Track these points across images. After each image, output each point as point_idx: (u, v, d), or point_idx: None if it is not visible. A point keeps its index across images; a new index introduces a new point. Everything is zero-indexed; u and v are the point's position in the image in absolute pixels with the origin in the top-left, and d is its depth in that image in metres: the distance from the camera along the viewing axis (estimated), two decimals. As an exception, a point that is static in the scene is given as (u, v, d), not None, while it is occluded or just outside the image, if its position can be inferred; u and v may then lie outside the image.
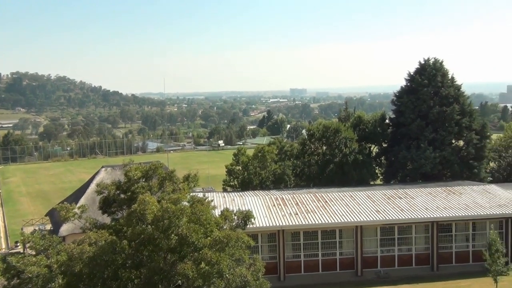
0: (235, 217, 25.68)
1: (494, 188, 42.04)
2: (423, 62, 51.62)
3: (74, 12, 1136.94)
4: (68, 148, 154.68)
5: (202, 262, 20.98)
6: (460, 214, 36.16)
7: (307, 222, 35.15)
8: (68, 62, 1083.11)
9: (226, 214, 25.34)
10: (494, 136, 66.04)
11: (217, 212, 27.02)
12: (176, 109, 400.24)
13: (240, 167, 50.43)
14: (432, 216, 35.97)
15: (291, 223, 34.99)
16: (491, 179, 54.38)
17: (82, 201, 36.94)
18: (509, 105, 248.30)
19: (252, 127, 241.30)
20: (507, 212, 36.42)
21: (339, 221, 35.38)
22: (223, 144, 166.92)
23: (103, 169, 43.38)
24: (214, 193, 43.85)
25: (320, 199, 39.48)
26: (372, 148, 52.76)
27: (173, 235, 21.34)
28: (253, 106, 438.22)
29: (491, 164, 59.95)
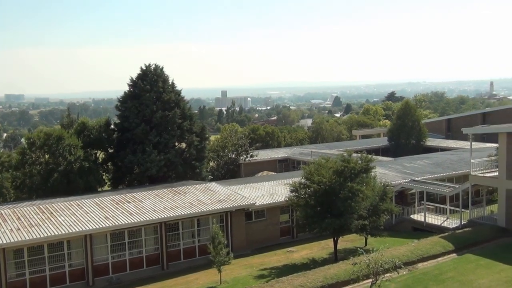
0: None
1: (214, 185, 45.51)
2: (144, 68, 52.58)
3: None
4: None
5: None
6: (186, 213, 38.09)
7: (30, 237, 32.77)
8: None
9: None
10: (213, 138, 71.93)
11: None
12: None
13: None
14: (160, 217, 37.10)
15: (12, 240, 32.18)
16: (212, 177, 58.79)
17: None
18: (223, 109, 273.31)
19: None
20: (226, 206, 39.71)
21: (67, 232, 33.92)
22: None
23: None
24: None
25: (45, 211, 37.28)
26: (98, 154, 51.91)
27: None
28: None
29: (211, 163, 65.09)
